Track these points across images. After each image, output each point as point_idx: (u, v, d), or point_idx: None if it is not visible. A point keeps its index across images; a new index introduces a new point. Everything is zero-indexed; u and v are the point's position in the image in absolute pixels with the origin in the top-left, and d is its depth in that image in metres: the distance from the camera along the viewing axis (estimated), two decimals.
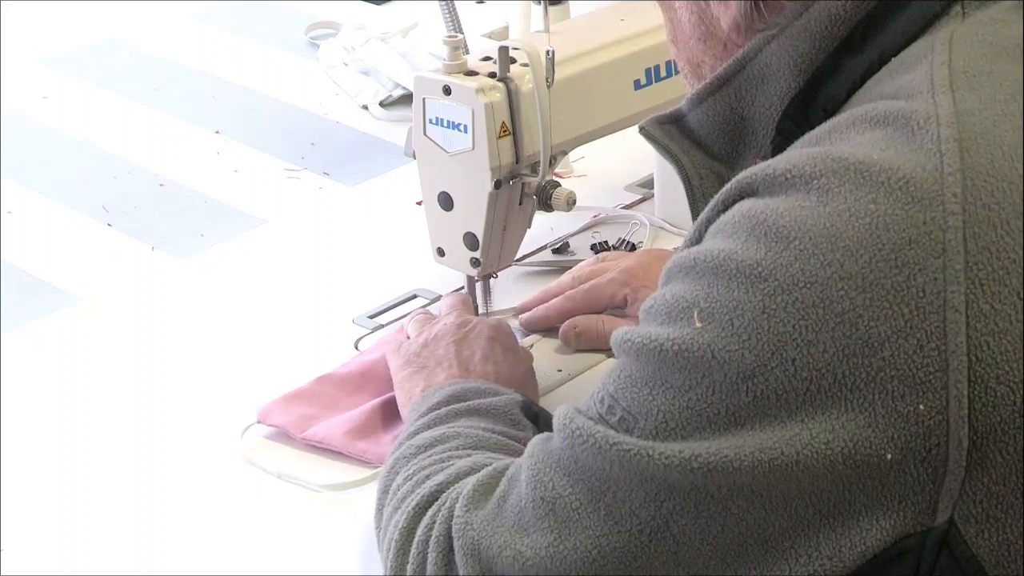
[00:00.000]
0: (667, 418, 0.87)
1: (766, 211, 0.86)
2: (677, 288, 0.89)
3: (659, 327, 0.88)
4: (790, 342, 0.83)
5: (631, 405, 0.89)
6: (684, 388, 0.86)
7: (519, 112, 1.30)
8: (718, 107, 0.98)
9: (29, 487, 1.24)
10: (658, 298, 0.90)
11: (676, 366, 0.86)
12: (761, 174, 0.88)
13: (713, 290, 0.86)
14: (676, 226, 1.58)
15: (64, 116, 1.90)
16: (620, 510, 0.88)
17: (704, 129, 1.00)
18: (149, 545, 1.17)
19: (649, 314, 0.90)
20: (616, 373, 0.91)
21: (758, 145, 0.98)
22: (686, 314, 0.87)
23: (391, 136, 1.82)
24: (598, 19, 1.45)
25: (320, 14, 2.15)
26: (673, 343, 0.86)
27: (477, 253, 1.35)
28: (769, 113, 0.96)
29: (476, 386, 1.19)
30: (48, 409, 1.34)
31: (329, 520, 1.19)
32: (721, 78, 0.98)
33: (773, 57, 0.95)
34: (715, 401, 0.85)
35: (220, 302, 1.50)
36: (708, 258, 0.87)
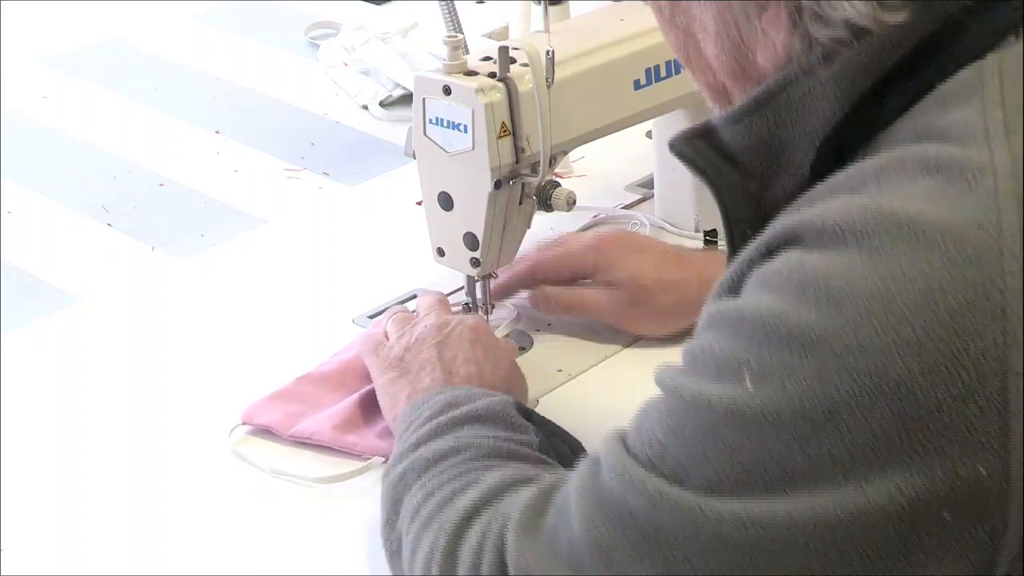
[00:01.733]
0: (719, 475, 0.85)
1: (816, 270, 0.83)
2: (726, 343, 0.86)
3: (708, 383, 0.86)
4: (845, 408, 0.81)
5: (682, 457, 0.87)
6: (736, 447, 0.84)
7: (519, 112, 1.30)
8: (755, 128, 0.94)
9: (29, 487, 1.24)
10: (705, 348, 0.88)
11: (728, 425, 0.84)
12: (810, 225, 0.85)
13: (764, 352, 0.84)
14: (676, 226, 1.58)
15: (64, 116, 1.90)
16: (675, 559, 0.86)
17: (738, 147, 0.96)
18: (149, 545, 1.17)
19: (695, 363, 0.88)
20: (666, 417, 0.89)
21: (795, 167, 0.94)
22: (736, 374, 0.85)
23: (391, 136, 1.82)
24: (598, 19, 1.45)
25: (320, 14, 2.15)
26: (724, 404, 0.85)
27: (477, 253, 1.35)
28: (810, 138, 0.92)
29: (465, 392, 1.18)
30: (48, 409, 1.34)
31: (325, 515, 1.19)
32: (759, 99, 0.93)
33: (818, 84, 0.91)
34: (769, 463, 0.83)
35: (220, 302, 1.50)
36: (758, 317, 0.85)
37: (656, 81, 1.42)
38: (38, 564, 1.16)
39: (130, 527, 1.19)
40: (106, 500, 1.22)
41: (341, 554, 1.16)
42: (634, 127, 1.47)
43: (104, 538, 1.18)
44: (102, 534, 1.19)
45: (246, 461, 1.26)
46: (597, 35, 1.40)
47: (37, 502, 1.23)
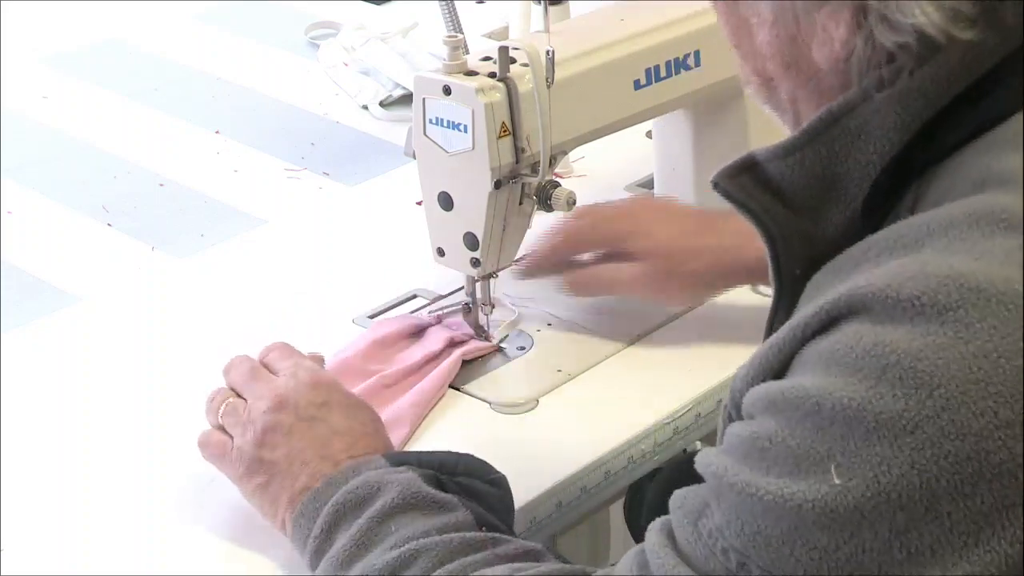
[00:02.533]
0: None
1: (897, 349, 0.78)
2: (801, 435, 0.80)
3: (788, 480, 0.80)
4: (945, 496, 0.76)
5: (771, 566, 0.80)
6: (831, 549, 0.78)
7: (519, 112, 1.30)
8: (807, 162, 0.89)
9: (29, 487, 1.24)
10: (774, 439, 0.81)
11: (819, 526, 0.79)
12: (880, 295, 0.79)
13: (850, 444, 0.78)
14: None
15: (64, 116, 1.90)
16: None
17: (787, 183, 0.90)
18: (149, 545, 1.17)
19: (765, 457, 0.82)
20: (736, 524, 0.82)
21: (848, 202, 0.89)
22: (821, 469, 0.79)
23: (391, 136, 1.82)
24: (598, 19, 1.45)
25: (320, 14, 2.15)
26: (813, 504, 0.79)
27: (477, 253, 1.35)
28: (865, 171, 0.87)
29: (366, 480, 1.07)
30: (48, 409, 1.34)
31: None
32: (810, 132, 0.88)
33: (876, 113, 0.86)
34: (866, 561, 0.78)
35: (220, 302, 1.50)
36: (837, 405, 0.79)
37: (656, 81, 1.42)
38: (38, 564, 1.16)
39: (130, 527, 1.19)
40: (106, 500, 1.22)
41: None
42: (634, 127, 1.47)
43: (104, 538, 1.18)
44: (102, 534, 1.19)
45: None
46: (597, 35, 1.40)
47: (37, 502, 1.23)
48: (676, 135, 1.56)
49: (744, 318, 1.44)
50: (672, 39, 1.43)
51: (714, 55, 1.45)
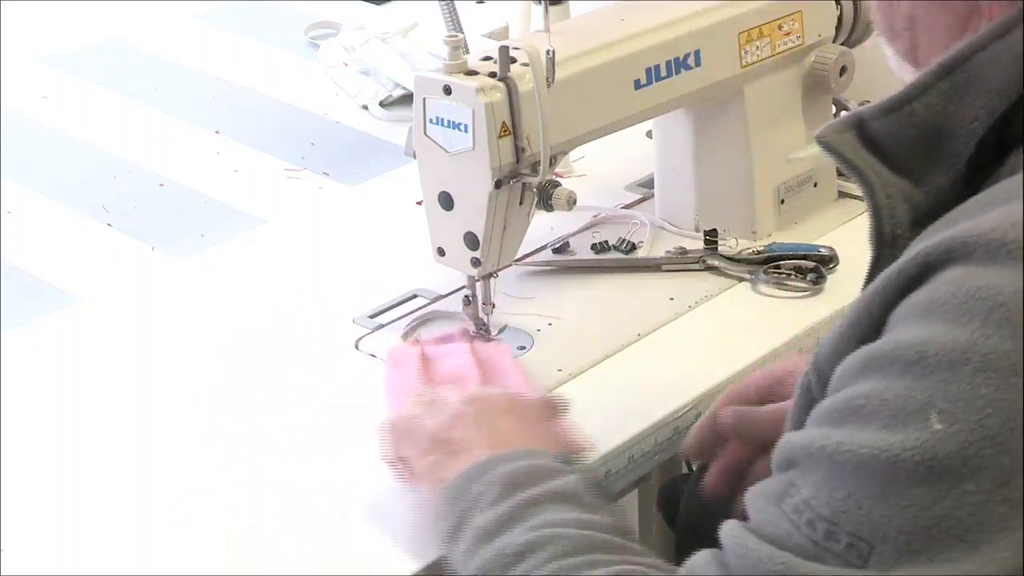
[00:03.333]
0: (909, 539, 0.76)
1: (1004, 291, 0.76)
2: (897, 385, 0.78)
3: (884, 433, 0.78)
4: None
5: (860, 529, 0.77)
6: (929, 502, 0.76)
7: (519, 112, 1.30)
8: (914, 117, 0.87)
9: (29, 487, 1.24)
10: (869, 396, 0.79)
11: (916, 477, 0.76)
12: (983, 239, 0.78)
13: (952, 387, 0.76)
14: (676, 226, 1.58)
15: (64, 116, 1.90)
16: None
17: (892, 140, 0.89)
18: (149, 545, 1.17)
19: (858, 416, 0.79)
20: (824, 491, 0.79)
21: (952, 161, 0.87)
22: (919, 416, 0.76)
23: (391, 136, 1.82)
24: (598, 19, 1.45)
25: (320, 14, 2.16)
26: (912, 452, 0.76)
27: (477, 253, 1.35)
28: (972, 128, 0.86)
29: (527, 464, 1.05)
30: (48, 409, 1.34)
31: (325, 517, 1.19)
32: (921, 85, 0.87)
33: (987, 64, 0.85)
34: (965, 514, 0.75)
35: (220, 302, 1.50)
36: (939, 350, 0.77)
37: (656, 81, 1.42)
38: (38, 564, 1.16)
39: (130, 527, 1.19)
40: (106, 500, 1.22)
41: (341, 561, 1.16)
42: (634, 127, 1.47)
43: (104, 538, 1.18)
44: (102, 534, 1.18)
45: (245, 463, 1.26)
46: (597, 35, 1.40)
47: (37, 502, 1.22)
48: (676, 135, 1.56)
49: (744, 318, 1.44)
50: (672, 39, 1.43)
51: (714, 55, 1.46)
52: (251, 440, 1.28)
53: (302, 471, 1.24)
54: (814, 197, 1.59)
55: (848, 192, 1.63)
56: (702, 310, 1.46)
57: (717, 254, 1.51)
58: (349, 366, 1.38)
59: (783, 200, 1.56)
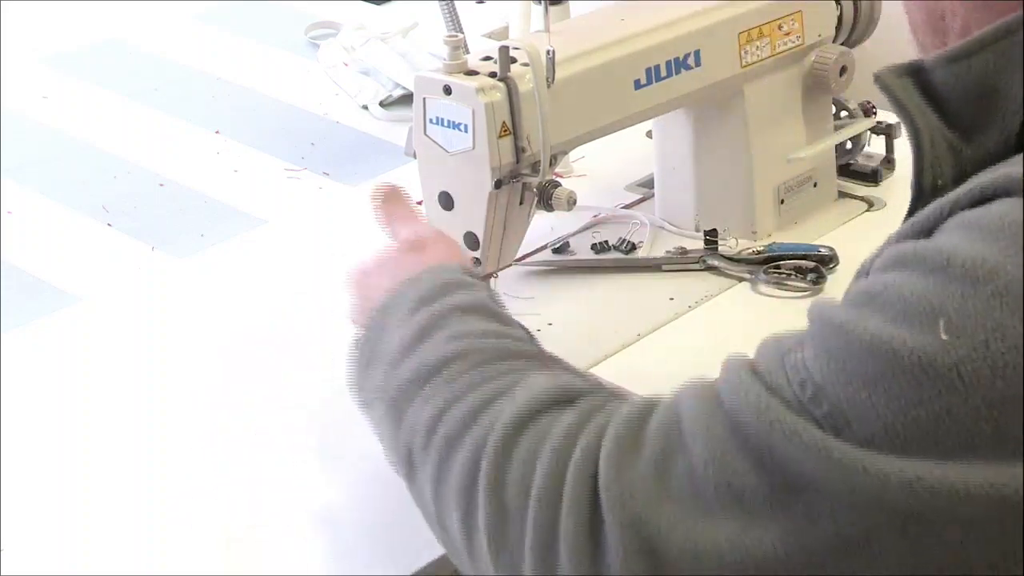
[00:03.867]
0: (888, 429, 0.77)
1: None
2: (918, 284, 0.79)
3: (890, 325, 0.79)
4: None
5: (843, 403, 0.79)
6: (915, 402, 0.77)
7: (519, 112, 1.30)
8: (972, 72, 0.87)
9: (29, 487, 1.24)
10: (889, 286, 0.80)
11: (910, 376, 0.77)
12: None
13: (968, 303, 0.76)
14: (676, 226, 1.58)
15: (64, 116, 1.90)
16: (817, 511, 0.79)
17: (948, 91, 0.88)
18: (149, 545, 1.17)
19: (874, 301, 0.81)
20: (823, 357, 0.81)
21: (1004, 123, 0.86)
22: (929, 320, 0.77)
23: (391, 136, 1.82)
24: (598, 19, 1.45)
25: (320, 14, 2.16)
26: (912, 352, 0.77)
27: (477, 253, 1.35)
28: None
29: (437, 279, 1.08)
30: (48, 409, 1.34)
31: (325, 517, 1.19)
32: (983, 40, 0.86)
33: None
34: (950, 425, 0.76)
35: (220, 302, 1.50)
36: (964, 262, 0.77)
37: (656, 81, 1.42)
38: (38, 564, 1.16)
39: (130, 527, 1.19)
40: (106, 500, 1.22)
41: (342, 564, 1.16)
42: (634, 127, 1.47)
43: (104, 538, 1.18)
44: (102, 534, 1.19)
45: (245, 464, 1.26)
46: (597, 35, 1.40)
47: (37, 502, 1.22)
48: (676, 135, 1.56)
49: (744, 318, 1.44)
50: (672, 39, 1.43)
51: (714, 55, 1.46)
52: (251, 440, 1.28)
53: (302, 471, 1.24)
54: (814, 197, 1.59)
55: (848, 192, 1.63)
56: (702, 310, 1.46)
57: (717, 254, 1.51)
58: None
59: (783, 200, 1.56)
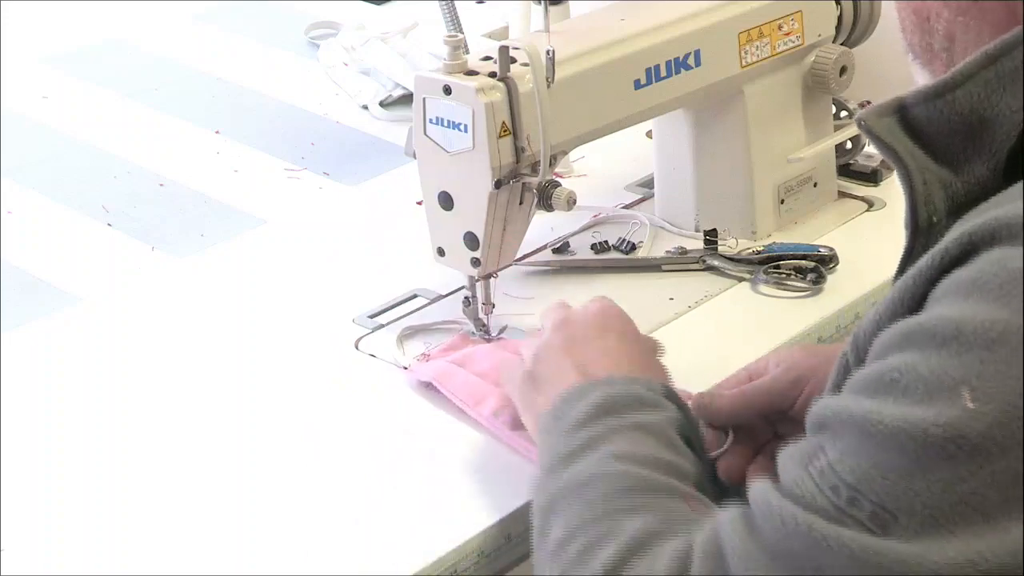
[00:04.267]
0: (935, 513, 0.76)
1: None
2: (933, 361, 0.78)
3: (915, 408, 0.78)
4: None
5: (885, 500, 0.78)
6: (956, 479, 0.76)
7: (519, 112, 1.30)
8: (957, 105, 0.87)
9: (29, 487, 1.24)
10: (904, 370, 0.79)
11: (945, 454, 0.76)
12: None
13: (988, 367, 0.76)
14: (676, 226, 1.58)
15: (64, 116, 1.90)
16: None
17: (933, 126, 0.89)
18: (149, 545, 1.17)
19: (892, 388, 0.80)
20: (851, 459, 0.80)
21: (992, 151, 0.87)
22: (952, 393, 0.76)
23: (391, 136, 1.82)
24: (598, 19, 1.45)
25: (320, 14, 2.15)
26: (942, 429, 0.76)
27: (477, 253, 1.35)
28: (1014, 117, 0.86)
29: (624, 391, 1.04)
30: (48, 409, 1.34)
31: (325, 517, 1.19)
32: (965, 73, 0.87)
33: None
34: (992, 493, 0.76)
35: (220, 302, 1.50)
36: (976, 328, 0.77)
37: (656, 81, 1.42)
38: (38, 564, 1.16)
39: (130, 527, 1.19)
40: (106, 500, 1.22)
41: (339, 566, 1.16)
42: (634, 127, 1.47)
43: (104, 538, 1.18)
44: (102, 534, 1.18)
45: (247, 464, 1.26)
46: (597, 35, 1.40)
47: (37, 502, 1.22)
48: (676, 135, 1.56)
49: (744, 318, 1.44)
50: (672, 39, 1.43)
51: (714, 55, 1.46)
52: (250, 439, 1.28)
53: (301, 471, 1.24)
54: (814, 197, 1.59)
55: (848, 192, 1.63)
56: (702, 310, 1.46)
57: (717, 254, 1.51)
58: (349, 366, 1.38)
59: (783, 200, 1.56)
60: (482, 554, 1.17)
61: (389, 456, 1.26)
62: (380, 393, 1.34)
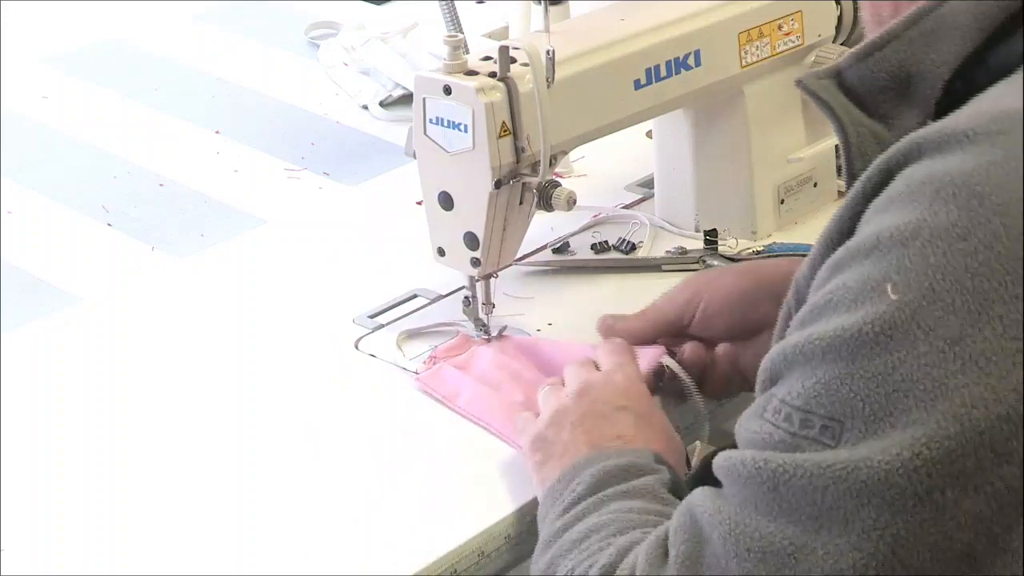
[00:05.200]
0: (874, 408, 0.81)
1: (950, 172, 0.82)
2: (858, 272, 0.83)
3: (846, 315, 0.83)
4: (997, 299, 0.79)
5: (831, 410, 0.83)
6: (889, 368, 0.81)
7: (519, 112, 1.30)
8: (885, 63, 0.93)
9: (29, 487, 1.24)
10: (832, 291, 0.84)
11: (878, 348, 0.81)
12: (934, 134, 0.83)
13: (905, 260, 0.81)
14: (676, 226, 1.58)
15: (64, 116, 1.90)
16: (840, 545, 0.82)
17: (865, 86, 0.95)
18: (149, 545, 1.17)
19: (825, 309, 0.84)
20: (796, 386, 0.84)
21: (922, 105, 0.92)
22: (877, 291, 0.82)
23: (391, 136, 1.82)
24: (598, 19, 1.45)
25: (320, 14, 2.15)
26: (871, 324, 0.81)
27: (477, 253, 1.35)
28: (939, 72, 0.91)
29: (615, 463, 1.08)
30: (48, 409, 1.34)
31: (325, 517, 1.19)
32: (891, 32, 0.93)
33: (951, 13, 0.90)
34: (922, 375, 0.80)
35: (220, 302, 1.50)
36: (892, 233, 0.82)
37: (656, 81, 1.42)
38: (38, 564, 1.16)
39: (129, 527, 1.19)
40: (106, 500, 1.22)
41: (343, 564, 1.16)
42: (634, 127, 1.47)
43: (104, 538, 1.18)
44: (102, 534, 1.19)
45: (247, 463, 1.26)
46: (597, 35, 1.40)
47: (37, 502, 1.22)
48: (676, 135, 1.56)
49: None
50: (672, 39, 1.43)
51: (714, 55, 1.46)
52: (250, 439, 1.28)
53: (301, 471, 1.24)
54: (814, 197, 1.59)
55: None
56: None
57: (717, 254, 1.51)
58: (349, 366, 1.38)
59: (783, 200, 1.56)
60: (482, 554, 1.17)
61: (389, 456, 1.26)
62: (380, 393, 1.34)
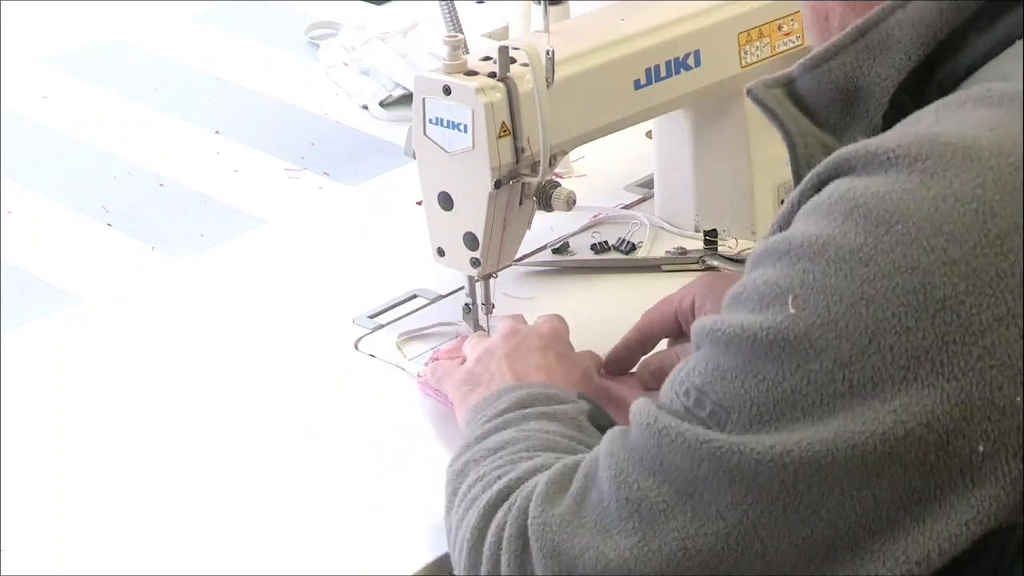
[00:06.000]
0: (760, 410, 0.85)
1: (866, 193, 0.84)
2: (769, 273, 0.87)
3: (750, 315, 0.86)
4: (889, 329, 0.82)
5: (722, 398, 0.87)
6: (779, 378, 0.85)
7: (519, 112, 1.30)
8: (832, 74, 0.95)
9: (29, 487, 1.24)
10: (747, 284, 0.88)
11: (771, 355, 0.85)
12: (861, 151, 0.86)
13: (809, 276, 0.84)
14: (676, 226, 1.58)
15: (64, 116, 1.90)
16: (707, 512, 0.87)
17: (814, 96, 0.97)
18: (149, 545, 1.17)
19: (738, 301, 0.88)
20: (701, 365, 0.89)
21: (869, 117, 0.95)
22: (780, 300, 0.85)
23: (391, 136, 1.82)
24: (598, 19, 1.45)
25: (320, 14, 2.15)
26: (767, 332, 0.85)
27: (477, 253, 1.35)
28: (884, 85, 0.94)
29: (541, 391, 1.15)
30: (48, 409, 1.34)
31: (325, 517, 1.19)
32: (838, 45, 0.95)
33: (897, 27, 0.92)
34: (810, 391, 0.84)
35: (220, 302, 1.50)
36: (804, 243, 0.85)
37: (656, 81, 1.42)
38: (38, 564, 1.16)
39: (129, 527, 1.19)
40: (106, 500, 1.22)
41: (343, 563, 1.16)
42: (634, 127, 1.47)
43: (104, 538, 1.18)
44: (102, 534, 1.19)
45: (248, 462, 1.26)
46: (597, 35, 1.40)
47: (37, 502, 1.23)
48: (676, 135, 1.56)
49: None
50: (672, 39, 1.43)
51: (714, 55, 1.46)
52: (250, 439, 1.28)
53: (301, 471, 1.24)
54: None
55: None
56: None
57: (717, 254, 1.51)
58: (349, 366, 1.38)
59: (783, 200, 1.56)
60: None
61: (389, 456, 1.26)
62: (380, 393, 1.34)
